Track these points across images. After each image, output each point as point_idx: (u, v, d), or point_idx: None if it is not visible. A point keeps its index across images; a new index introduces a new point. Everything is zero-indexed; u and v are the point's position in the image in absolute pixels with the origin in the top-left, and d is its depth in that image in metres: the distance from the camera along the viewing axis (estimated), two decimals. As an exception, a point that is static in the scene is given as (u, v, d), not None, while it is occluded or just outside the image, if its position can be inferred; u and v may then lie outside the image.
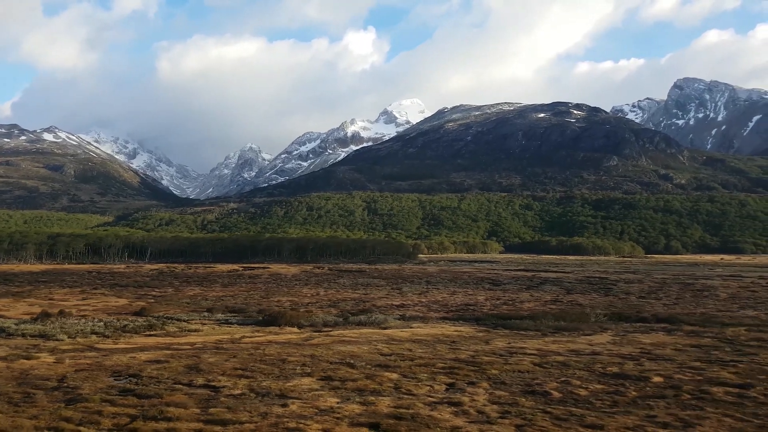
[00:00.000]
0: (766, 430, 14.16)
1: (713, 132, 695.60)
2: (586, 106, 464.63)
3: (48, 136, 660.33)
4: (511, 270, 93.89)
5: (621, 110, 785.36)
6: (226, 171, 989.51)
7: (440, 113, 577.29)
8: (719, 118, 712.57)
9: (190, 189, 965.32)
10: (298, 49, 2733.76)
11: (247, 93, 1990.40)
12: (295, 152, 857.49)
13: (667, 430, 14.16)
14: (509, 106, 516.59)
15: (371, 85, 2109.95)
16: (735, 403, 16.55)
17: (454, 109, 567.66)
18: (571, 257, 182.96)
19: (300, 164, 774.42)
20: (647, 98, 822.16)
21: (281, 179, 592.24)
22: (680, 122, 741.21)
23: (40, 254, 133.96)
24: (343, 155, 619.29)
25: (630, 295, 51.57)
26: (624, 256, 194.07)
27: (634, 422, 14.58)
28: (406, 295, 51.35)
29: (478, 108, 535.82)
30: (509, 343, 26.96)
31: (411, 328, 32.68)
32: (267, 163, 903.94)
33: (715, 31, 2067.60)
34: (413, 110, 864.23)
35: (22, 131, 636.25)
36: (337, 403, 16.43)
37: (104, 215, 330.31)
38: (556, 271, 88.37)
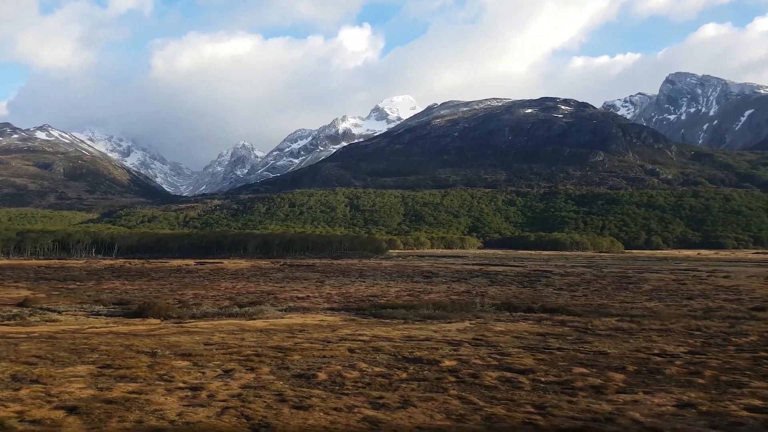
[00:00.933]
0: (477, 410, 13.81)
1: (705, 127, 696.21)
2: (574, 101, 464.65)
3: (41, 135, 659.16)
4: (467, 264, 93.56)
5: (612, 105, 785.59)
6: (219, 168, 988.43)
7: (429, 109, 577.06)
8: (711, 113, 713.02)
9: (184, 186, 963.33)
10: (293, 46, 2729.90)
11: (240, 90, 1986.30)
12: (287, 149, 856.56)
13: (378, 410, 13.70)
14: (498, 102, 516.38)
15: (364, 81, 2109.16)
16: (490, 386, 15.99)
17: (443, 105, 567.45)
18: (546, 252, 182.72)
19: (291, 161, 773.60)
20: (639, 93, 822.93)
21: (272, 176, 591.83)
22: (672, 117, 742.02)
23: (7, 250, 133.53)
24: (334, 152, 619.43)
25: (548, 287, 51.26)
26: (601, 251, 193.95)
27: (353, 402, 14.18)
28: (322, 287, 50.98)
29: (467, 104, 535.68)
30: (355, 331, 26.60)
31: (282, 318, 32.38)
32: (259, 160, 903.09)
33: (713, 24, 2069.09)
34: (405, 107, 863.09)
35: (15, 130, 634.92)
36: (78, 388, 15.99)
37: (90, 212, 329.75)
38: (509, 266, 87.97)
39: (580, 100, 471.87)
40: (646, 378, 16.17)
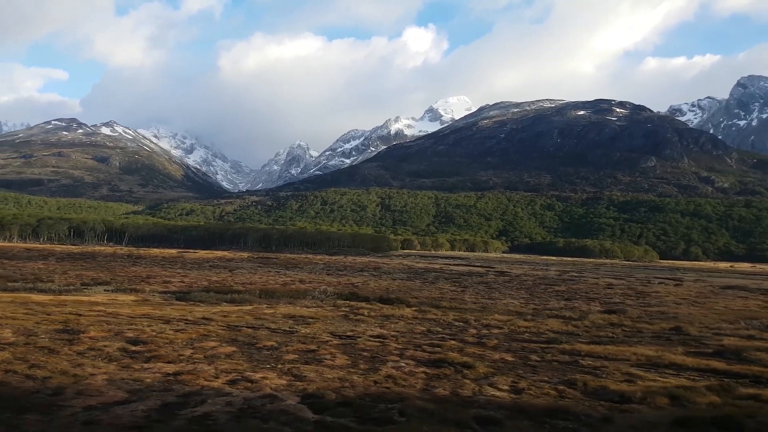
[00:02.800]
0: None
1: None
2: (630, 104, 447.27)
3: (105, 130, 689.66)
4: (445, 265, 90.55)
5: (678, 109, 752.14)
6: (275, 167, 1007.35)
7: (481, 110, 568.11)
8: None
9: (243, 184, 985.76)
10: (356, 47, 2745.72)
11: (301, 91, 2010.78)
12: (339, 149, 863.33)
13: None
14: (550, 103, 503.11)
15: (422, 82, 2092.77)
16: (53, 350, 15.32)
17: (494, 106, 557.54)
18: (567, 258, 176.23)
19: (343, 161, 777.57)
20: (708, 97, 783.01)
21: (314, 175, 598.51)
22: (742, 123, 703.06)
23: (25, 235, 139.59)
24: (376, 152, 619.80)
25: (448, 284, 48.61)
26: (630, 260, 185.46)
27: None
28: (219, 275, 50.25)
29: (518, 105, 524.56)
30: (107, 308, 26.18)
31: (87, 296, 32.06)
32: (313, 159, 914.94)
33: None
34: (459, 108, 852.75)
35: (81, 125, 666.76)
36: None
37: (137, 204, 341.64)
38: (476, 266, 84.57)
39: (647, 103, 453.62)
40: (245, 350, 16.42)
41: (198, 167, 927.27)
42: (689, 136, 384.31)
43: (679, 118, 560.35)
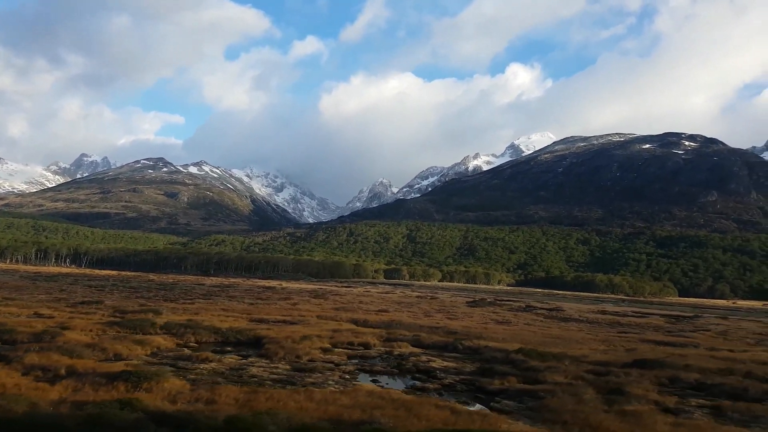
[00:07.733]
0: None
1: None
2: (701, 136, 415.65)
3: (193, 169, 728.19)
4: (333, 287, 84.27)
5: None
6: (358, 204, 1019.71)
7: (550, 146, 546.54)
8: None
9: (328, 221, 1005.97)
10: (455, 86, 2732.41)
11: (392, 130, 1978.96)
12: (416, 186, 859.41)
13: None
14: (619, 137, 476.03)
15: (512, 118, 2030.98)
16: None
17: (562, 140, 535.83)
18: (558, 291, 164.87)
19: (418, 198, 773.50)
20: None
21: (361, 209, 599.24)
22: None
23: (29, 258, 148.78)
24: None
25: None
26: (634, 296, 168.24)
27: None
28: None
29: (585, 139, 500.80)
30: None
31: None
32: (392, 196, 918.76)
33: None
34: (542, 143, 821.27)
35: (166, 164, 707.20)
36: None
37: (186, 237, 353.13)
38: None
39: (703, 136, 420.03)
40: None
41: (283, 204, 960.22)
42: (761, 170, 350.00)
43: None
